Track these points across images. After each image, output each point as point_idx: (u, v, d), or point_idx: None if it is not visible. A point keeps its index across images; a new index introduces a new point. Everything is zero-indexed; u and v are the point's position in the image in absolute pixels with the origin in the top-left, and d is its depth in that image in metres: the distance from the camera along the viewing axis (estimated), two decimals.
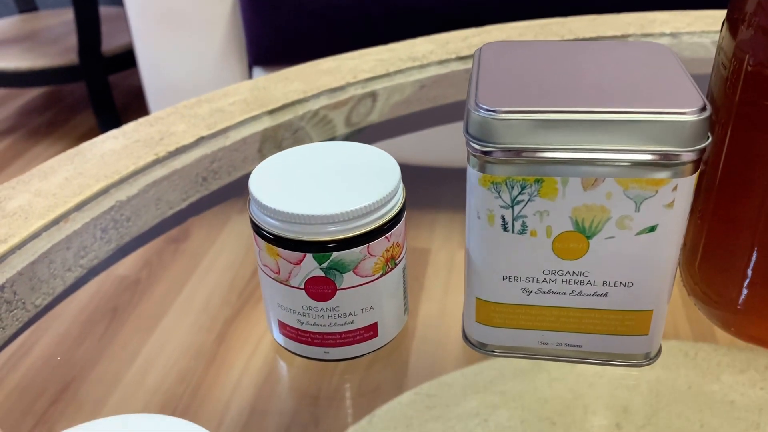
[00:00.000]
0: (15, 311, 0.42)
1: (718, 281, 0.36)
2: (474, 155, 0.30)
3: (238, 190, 0.55)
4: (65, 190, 0.48)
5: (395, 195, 0.34)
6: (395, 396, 0.36)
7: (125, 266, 0.49)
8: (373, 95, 0.61)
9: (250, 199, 0.34)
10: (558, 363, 0.36)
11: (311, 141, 0.59)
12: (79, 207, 0.47)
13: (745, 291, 0.35)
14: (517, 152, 0.30)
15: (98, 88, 1.71)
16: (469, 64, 0.64)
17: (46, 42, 1.74)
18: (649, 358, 0.35)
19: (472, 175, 0.31)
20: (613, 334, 0.34)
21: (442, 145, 0.77)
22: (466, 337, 0.37)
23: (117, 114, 1.76)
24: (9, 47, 1.72)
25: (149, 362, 0.41)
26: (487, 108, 0.29)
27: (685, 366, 0.37)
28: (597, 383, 0.36)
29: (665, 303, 0.33)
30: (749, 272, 0.34)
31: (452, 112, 0.64)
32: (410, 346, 0.39)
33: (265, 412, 0.37)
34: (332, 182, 0.34)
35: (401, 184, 0.35)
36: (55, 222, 0.45)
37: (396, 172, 0.34)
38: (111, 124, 1.70)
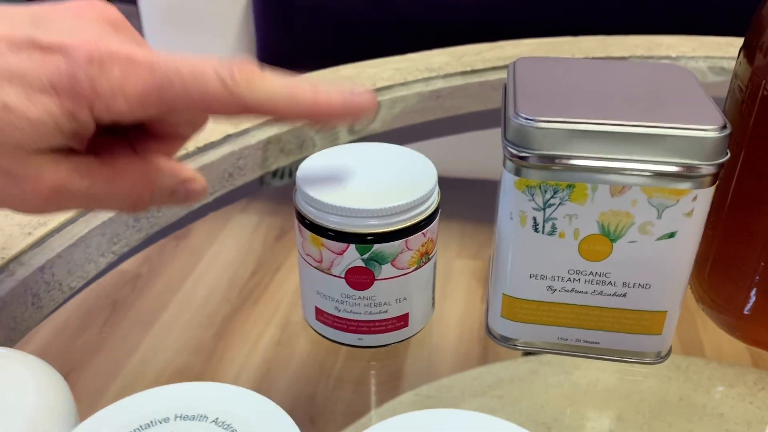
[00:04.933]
0: (52, 292, 0.44)
1: (727, 289, 0.39)
2: (510, 160, 0.33)
3: (241, 190, 0.56)
4: None
5: (432, 194, 0.36)
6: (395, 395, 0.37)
7: (126, 261, 0.49)
8: (392, 102, 0.64)
9: (296, 191, 0.36)
10: (554, 370, 0.38)
11: (314, 147, 0.60)
12: None
13: (752, 298, 0.37)
14: (552, 159, 0.32)
15: None
16: (482, 78, 0.67)
17: None
18: (660, 357, 0.37)
19: (508, 178, 0.33)
20: (629, 332, 0.36)
21: (452, 155, 0.80)
22: (489, 332, 0.39)
23: None
24: None
25: (148, 356, 0.42)
26: (526, 116, 0.32)
27: (677, 379, 0.38)
28: (591, 391, 0.38)
29: (678, 305, 0.36)
30: (756, 280, 0.37)
31: (466, 123, 0.67)
32: (431, 340, 0.41)
33: None
34: (375, 179, 0.36)
35: (437, 185, 0.37)
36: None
37: (433, 174, 0.37)
38: None
